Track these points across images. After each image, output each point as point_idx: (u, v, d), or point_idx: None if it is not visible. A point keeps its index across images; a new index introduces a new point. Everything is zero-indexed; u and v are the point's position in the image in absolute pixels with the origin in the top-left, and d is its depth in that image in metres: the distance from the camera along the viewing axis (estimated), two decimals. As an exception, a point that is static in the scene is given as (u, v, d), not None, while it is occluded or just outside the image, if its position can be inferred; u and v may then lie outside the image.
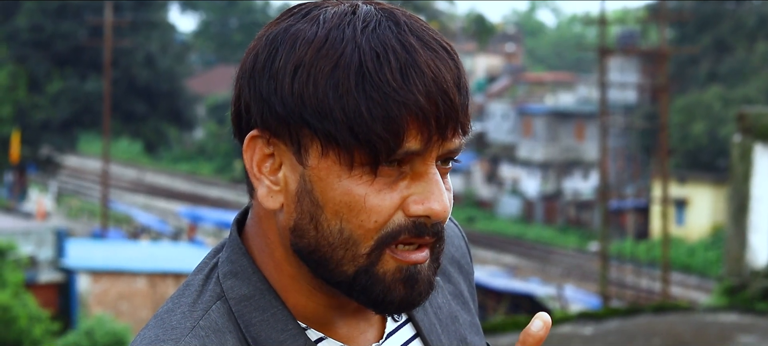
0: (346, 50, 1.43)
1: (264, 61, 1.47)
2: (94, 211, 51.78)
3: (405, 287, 1.47)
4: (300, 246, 1.47)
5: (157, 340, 1.47)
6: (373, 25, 1.45)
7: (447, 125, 1.44)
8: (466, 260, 1.75)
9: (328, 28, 1.45)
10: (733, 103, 45.89)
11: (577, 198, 56.75)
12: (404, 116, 1.42)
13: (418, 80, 1.42)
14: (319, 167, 1.44)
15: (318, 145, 1.44)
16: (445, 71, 1.44)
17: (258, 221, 1.53)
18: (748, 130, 14.57)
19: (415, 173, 1.45)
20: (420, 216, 1.45)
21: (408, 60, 1.43)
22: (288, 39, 1.46)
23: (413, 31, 1.46)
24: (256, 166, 1.49)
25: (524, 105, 61.30)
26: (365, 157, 1.43)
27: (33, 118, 53.29)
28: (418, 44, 1.44)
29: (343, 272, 1.46)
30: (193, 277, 1.55)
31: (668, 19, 41.90)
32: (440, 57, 1.45)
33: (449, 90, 1.44)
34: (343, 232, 1.44)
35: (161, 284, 28.26)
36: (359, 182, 1.43)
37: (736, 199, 14.66)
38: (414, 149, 1.43)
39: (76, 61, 55.57)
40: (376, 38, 1.44)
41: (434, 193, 1.45)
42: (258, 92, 1.47)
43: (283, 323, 1.50)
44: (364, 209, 1.44)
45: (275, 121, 1.46)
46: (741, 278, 14.45)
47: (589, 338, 11.38)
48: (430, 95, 1.43)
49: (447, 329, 1.65)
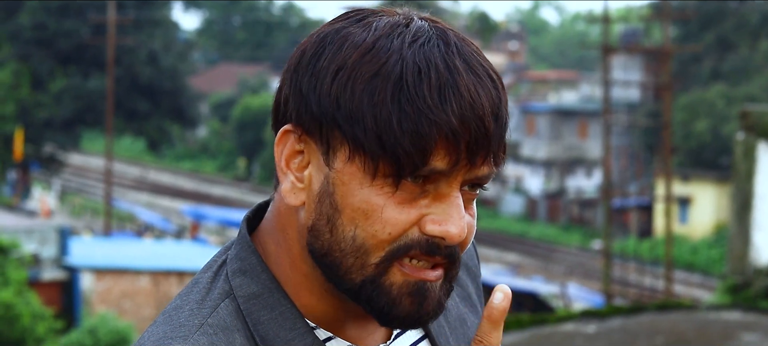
0: (389, 60, 1.43)
1: (309, 58, 1.47)
2: (97, 209, 51.80)
3: (412, 302, 1.46)
4: (314, 247, 1.47)
5: (165, 337, 1.47)
6: (422, 41, 1.44)
7: (477, 152, 1.43)
8: (473, 262, 1.75)
9: (377, 36, 1.44)
10: (736, 101, 45.85)
11: (580, 196, 56.73)
12: (433, 135, 1.41)
13: (454, 102, 1.41)
14: (344, 172, 1.44)
15: (346, 150, 1.44)
16: (485, 98, 1.43)
17: (278, 216, 1.53)
18: (751, 128, 14.56)
19: (438, 193, 1.45)
20: (435, 236, 1.45)
21: (448, 80, 1.42)
22: (337, 40, 1.46)
23: (461, 54, 1.45)
24: (285, 160, 1.49)
25: (527, 103, 61.29)
26: (389, 168, 1.42)
27: (36, 116, 53.31)
28: (463, 67, 1.44)
29: (351, 279, 1.46)
30: (202, 274, 1.55)
31: (671, 17, 41.88)
32: (483, 84, 1.44)
33: (485, 117, 1.43)
34: (355, 239, 1.44)
35: (164, 283, 28.27)
36: (380, 192, 1.43)
37: (740, 197, 14.65)
38: (439, 169, 1.42)
39: (79, 59, 55.60)
40: (422, 54, 1.43)
41: (453, 216, 1.45)
42: (298, 88, 1.47)
43: (292, 322, 1.50)
44: (380, 220, 1.43)
45: (309, 118, 1.46)
46: (744, 276, 14.44)
47: (592, 336, 11.38)
48: (464, 119, 1.42)
49: (455, 331, 1.65)
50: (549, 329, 11.71)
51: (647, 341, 11.16)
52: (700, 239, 47.53)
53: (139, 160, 71.26)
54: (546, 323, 11.97)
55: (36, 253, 27.61)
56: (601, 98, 42.12)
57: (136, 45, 52.85)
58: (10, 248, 25.04)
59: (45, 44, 54.68)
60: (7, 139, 50.98)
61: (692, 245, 47.02)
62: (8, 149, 50.92)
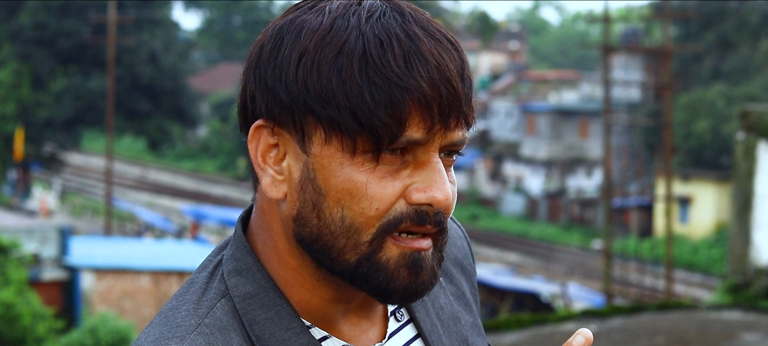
0: (349, 37, 1.44)
1: (269, 51, 1.48)
2: (97, 209, 51.81)
3: (409, 274, 1.47)
4: (303, 235, 1.48)
5: (161, 338, 1.47)
6: (378, 15, 1.46)
7: (450, 114, 1.45)
8: (468, 260, 1.75)
9: (332, 18, 1.46)
10: (737, 101, 45.85)
11: (580, 196, 56.73)
12: (407, 102, 1.43)
13: (421, 67, 1.43)
14: (322, 155, 1.45)
15: (321, 133, 1.45)
16: (449, 61, 1.45)
17: (262, 214, 1.54)
18: (751, 127, 14.56)
19: (417, 161, 1.46)
20: (422, 204, 1.45)
21: (411, 48, 1.44)
22: (293, 29, 1.48)
23: (418, 22, 1.47)
24: (261, 156, 1.50)
25: (528, 103, 61.28)
26: (368, 143, 1.43)
27: (36, 115, 53.31)
28: (423, 34, 1.46)
29: (346, 260, 1.46)
30: (198, 274, 1.55)
31: (672, 17, 41.89)
32: (444, 47, 1.46)
33: (452, 79, 1.44)
34: (344, 219, 1.45)
35: (165, 282, 28.27)
36: (361, 169, 1.44)
37: (740, 196, 14.65)
38: (416, 138, 1.44)
39: (80, 59, 55.59)
40: (380, 27, 1.45)
41: (437, 181, 1.45)
42: (263, 82, 1.48)
43: (287, 321, 1.50)
44: (366, 196, 1.44)
45: (280, 109, 1.47)
46: (745, 276, 14.45)
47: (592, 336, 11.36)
48: (433, 82, 1.43)
49: (449, 329, 1.65)
50: (549, 329, 11.72)
51: (648, 341, 11.16)
52: (700, 238, 47.52)
53: (139, 160, 71.27)
54: (546, 323, 11.97)
55: (36, 253, 27.61)
56: (601, 98, 42.12)
57: (136, 45, 52.84)
58: (10, 248, 25.04)
59: (45, 44, 54.67)
60: (7, 138, 50.97)
61: (693, 245, 47.01)
62: (9, 149, 50.91)
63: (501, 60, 77.70)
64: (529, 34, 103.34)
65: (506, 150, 60.48)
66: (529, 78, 71.97)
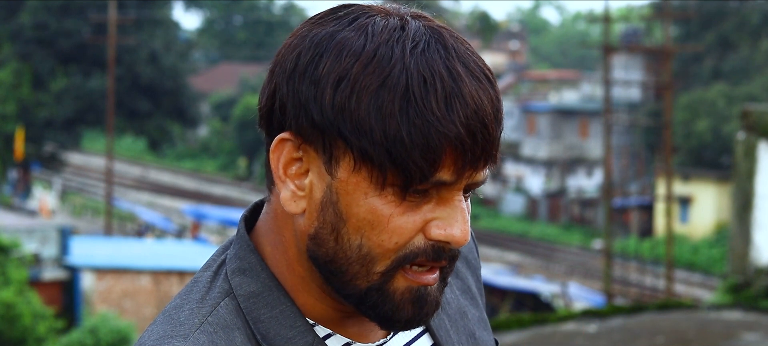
0: (393, 71, 1.42)
1: (306, 64, 1.45)
2: (98, 208, 51.81)
3: (413, 308, 1.47)
4: (317, 254, 1.47)
5: (165, 336, 1.47)
6: (422, 47, 1.43)
7: (481, 158, 1.44)
8: (473, 255, 1.76)
9: (376, 43, 1.43)
10: (737, 101, 45.85)
11: (581, 196, 56.73)
12: (443, 147, 1.41)
13: (461, 111, 1.42)
14: (349, 181, 1.43)
15: (350, 160, 1.43)
16: (487, 102, 1.44)
17: (274, 218, 1.53)
18: (752, 127, 14.56)
19: (440, 198, 1.45)
20: (440, 241, 1.45)
21: (453, 90, 1.42)
22: (334, 46, 1.44)
23: (460, 57, 1.45)
24: (283, 168, 1.48)
25: (528, 103, 61.28)
26: (397, 179, 1.42)
27: (37, 115, 53.31)
28: (464, 72, 1.43)
29: (356, 286, 1.46)
30: (201, 273, 1.55)
31: (672, 17, 41.89)
32: (483, 87, 1.44)
33: (489, 123, 1.43)
34: (362, 248, 1.44)
35: (165, 282, 28.28)
36: (386, 202, 1.43)
37: (740, 196, 14.65)
38: (446, 179, 1.43)
39: (80, 59, 55.59)
40: (424, 62, 1.42)
41: (458, 220, 1.45)
42: (296, 96, 1.45)
43: (292, 320, 1.50)
44: (387, 229, 1.43)
45: (310, 127, 1.44)
46: (745, 276, 14.44)
47: (593, 335, 11.37)
48: (470, 128, 1.42)
49: (456, 324, 1.65)
50: (550, 329, 11.71)
51: (648, 341, 11.16)
52: (700, 238, 47.52)
53: (139, 160, 71.28)
54: (547, 323, 11.97)
55: (37, 252, 27.61)
56: (601, 98, 42.11)
57: (136, 44, 52.83)
58: (10, 248, 25.04)
59: (46, 44, 54.66)
60: (7, 138, 50.98)
61: (693, 245, 47.01)
62: (9, 149, 50.92)
63: (501, 60, 77.72)
64: (529, 33, 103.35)
65: (506, 150, 60.49)
66: (529, 78, 72.00)
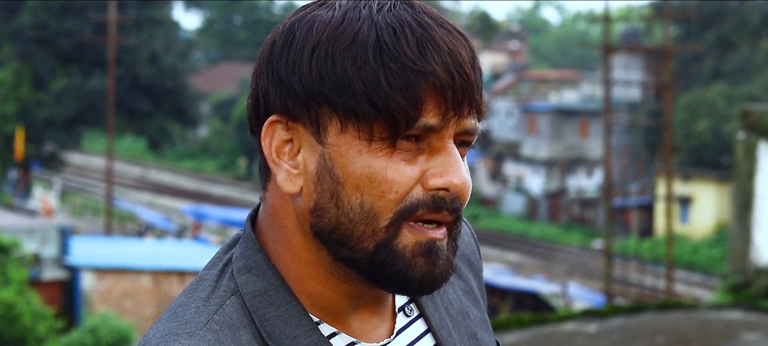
0: (362, 27, 1.47)
1: (281, 46, 1.50)
2: (98, 208, 51.82)
3: (426, 262, 1.48)
4: (320, 226, 1.49)
5: (171, 334, 1.48)
6: (389, 6, 1.49)
7: (463, 100, 1.47)
8: (475, 256, 1.77)
9: (343, 11, 1.49)
10: (737, 101, 45.86)
11: (581, 196, 56.73)
12: (422, 86, 1.45)
13: (435, 53, 1.46)
14: (339, 143, 1.46)
15: (337, 122, 1.46)
16: (461, 48, 1.48)
17: (273, 212, 1.54)
18: (752, 127, 14.57)
19: (432, 148, 1.47)
20: (439, 189, 1.47)
21: (424, 35, 1.47)
22: (305, 24, 1.50)
23: (428, 13, 1.50)
24: (275, 151, 1.51)
25: (528, 103, 61.28)
26: (384, 130, 1.45)
27: (37, 115, 53.31)
28: (434, 23, 1.48)
29: (364, 248, 1.47)
30: (207, 272, 1.56)
31: (672, 17, 41.88)
32: (455, 37, 1.49)
33: (465, 65, 1.47)
34: (363, 205, 1.46)
35: (165, 282, 28.28)
36: (379, 154, 1.45)
37: (741, 196, 14.66)
38: (432, 123, 1.45)
39: (80, 59, 55.59)
40: (392, 16, 1.48)
41: (453, 166, 1.47)
42: (276, 76, 1.50)
43: (297, 319, 1.51)
44: (385, 180, 1.45)
45: (294, 102, 1.48)
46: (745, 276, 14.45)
47: (593, 335, 11.38)
48: (447, 67, 1.46)
49: (458, 324, 1.66)
50: (550, 329, 11.72)
51: (648, 341, 11.16)
52: (700, 238, 47.52)
53: (140, 160, 71.28)
54: (547, 323, 11.98)
55: (37, 252, 27.61)
56: (602, 98, 42.11)
57: (137, 44, 52.83)
58: (10, 248, 25.03)
59: (46, 44, 54.66)
60: (8, 138, 50.98)
61: (693, 245, 47.01)
62: (9, 149, 50.92)
63: (501, 60, 77.71)
64: (529, 33, 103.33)
65: (507, 150, 60.48)
66: (529, 78, 71.98)
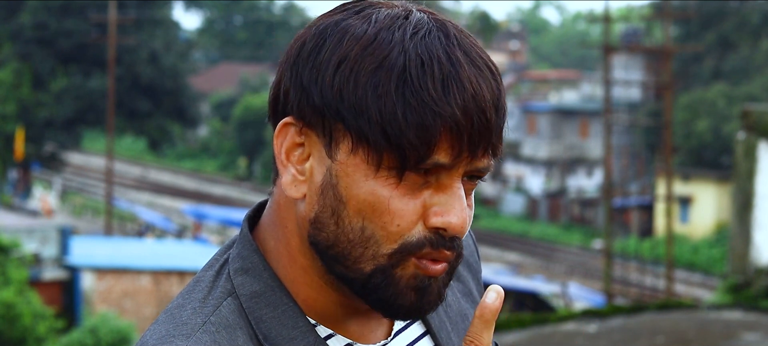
0: (392, 53, 1.44)
1: (310, 50, 1.48)
2: (98, 208, 51.82)
3: (415, 295, 1.47)
4: (318, 239, 1.48)
5: (167, 335, 1.47)
6: (423, 33, 1.45)
7: (479, 144, 1.45)
8: (474, 258, 1.76)
9: (377, 28, 1.45)
10: (737, 101, 45.86)
11: (581, 196, 56.73)
12: (438, 127, 1.42)
13: (458, 94, 1.43)
14: (347, 163, 1.44)
15: (349, 142, 1.44)
16: (486, 90, 1.45)
17: (277, 209, 1.54)
18: (752, 127, 14.57)
19: (439, 184, 1.46)
20: (437, 228, 1.46)
21: (451, 73, 1.43)
22: (337, 32, 1.47)
23: (461, 46, 1.46)
24: (285, 153, 1.50)
25: (528, 103, 61.29)
26: (393, 160, 1.43)
27: (37, 115, 53.31)
28: (464, 59, 1.45)
29: (360, 269, 1.46)
30: (204, 273, 1.55)
31: (672, 17, 41.89)
32: (483, 76, 1.45)
33: (487, 109, 1.44)
34: (364, 230, 1.45)
35: (165, 282, 28.27)
36: (384, 183, 1.44)
37: (741, 196, 14.66)
38: (442, 162, 1.44)
39: (80, 59, 55.59)
40: (424, 46, 1.44)
41: (455, 207, 1.46)
42: (299, 80, 1.48)
43: (294, 320, 1.51)
44: (388, 212, 1.44)
45: (311, 111, 1.46)
46: (745, 276, 14.45)
47: (593, 335, 11.38)
48: (467, 111, 1.43)
49: (456, 326, 1.65)
50: (550, 329, 11.72)
51: (648, 341, 11.16)
52: (700, 238, 47.52)
53: (140, 160, 71.28)
54: (547, 323, 11.98)
55: (37, 252, 27.61)
56: (602, 98, 42.11)
57: (137, 44, 52.84)
58: (11, 248, 25.03)
59: (46, 44, 54.67)
60: (8, 138, 50.98)
61: (693, 245, 47.01)
62: (9, 149, 50.92)
63: (502, 60, 77.73)
64: (529, 33, 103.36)
65: (507, 150, 60.47)
66: (529, 78, 72.01)
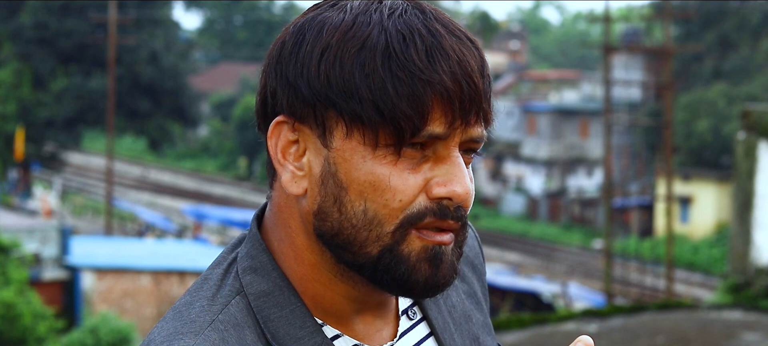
0: (372, 33, 1.46)
1: (291, 47, 1.50)
2: (98, 208, 51.81)
3: (430, 267, 1.48)
4: (323, 230, 1.49)
5: (176, 333, 1.48)
6: (400, 12, 1.48)
7: (470, 110, 1.46)
8: (479, 259, 1.77)
9: (354, 15, 1.48)
10: (738, 101, 45.85)
11: (581, 196, 56.72)
12: (429, 95, 1.44)
13: (443, 62, 1.45)
14: (344, 148, 1.46)
15: (343, 126, 1.46)
16: (470, 57, 1.48)
17: (278, 211, 1.55)
18: (752, 127, 14.58)
19: (437, 156, 1.48)
20: (442, 198, 1.47)
21: (433, 43, 1.46)
22: (315, 26, 1.49)
23: (439, 19, 1.49)
24: (281, 152, 1.51)
25: (528, 102, 61.29)
26: (390, 137, 1.45)
27: (37, 115, 53.31)
28: (444, 30, 1.48)
29: (367, 253, 1.47)
30: (212, 271, 1.56)
31: (672, 17, 41.88)
32: (465, 44, 1.48)
33: (473, 74, 1.47)
34: (367, 212, 1.46)
35: (166, 282, 28.27)
36: (383, 162, 1.46)
37: (741, 196, 14.67)
38: (437, 132, 1.45)
39: (81, 59, 55.60)
40: (402, 23, 1.47)
41: (457, 175, 1.47)
42: (284, 78, 1.49)
43: (301, 320, 1.52)
44: (389, 188, 1.45)
45: (301, 104, 1.48)
46: (745, 276, 14.46)
47: (593, 335, 11.38)
48: (454, 77, 1.45)
49: (460, 328, 1.66)
50: (550, 329, 11.73)
51: (648, 341, 11.17)
52: (701, 238, 47.50)
53: (140, 160, 71.26)
54: (547, 323, 11.98)
55: (37, 252, 27.60)
56: (602, 98, 42.11)
57: (137, 44, 52.83)
58: (11, 248, 25.03)
59: (46, 43, 54.67)
60: (8, 138, 50.97)
61: (693, 245, 47.00)
62: (9, 149, 50.91)
63: (502, 60, 77.70)
64: (529, 33, 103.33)
65: (507, 150, 60.48)
66: (529, 78, 71.99)
